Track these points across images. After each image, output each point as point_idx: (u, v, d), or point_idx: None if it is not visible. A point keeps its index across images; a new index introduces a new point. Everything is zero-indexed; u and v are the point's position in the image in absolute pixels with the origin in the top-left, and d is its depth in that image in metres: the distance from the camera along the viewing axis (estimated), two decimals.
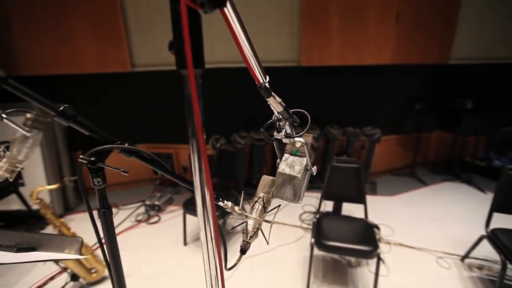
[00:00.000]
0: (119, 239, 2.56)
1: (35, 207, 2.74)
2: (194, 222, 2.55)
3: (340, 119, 3.35)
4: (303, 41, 3.10)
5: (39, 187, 1.62)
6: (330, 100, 3.37)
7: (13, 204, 2.78)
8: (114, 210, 3.01)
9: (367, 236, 1.81)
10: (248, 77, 0.53)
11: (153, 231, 2.65)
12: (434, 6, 3.14)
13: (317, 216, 2.06)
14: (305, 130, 0.70)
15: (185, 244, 2.40)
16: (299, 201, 0.77)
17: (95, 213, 0.63)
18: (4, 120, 1.03)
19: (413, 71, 3.37)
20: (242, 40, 0.40)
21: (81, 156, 0.50)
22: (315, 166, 0.78)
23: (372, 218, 2.06)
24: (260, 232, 0.80)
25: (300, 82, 3.27)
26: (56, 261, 1.75)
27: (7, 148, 1.24)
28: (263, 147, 3.13)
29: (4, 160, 1.11)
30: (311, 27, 3.04)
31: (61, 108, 0.47)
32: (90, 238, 1.44)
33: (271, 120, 0.68)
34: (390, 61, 3.13)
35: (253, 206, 0.80)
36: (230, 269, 0.66)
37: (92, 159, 0.50)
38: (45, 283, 2.02)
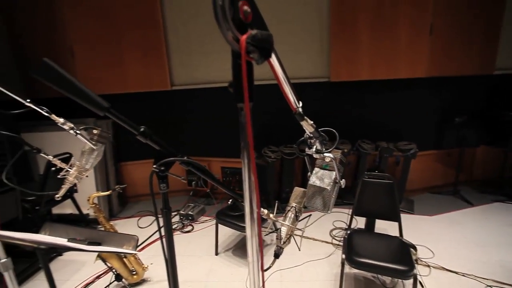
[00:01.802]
0: (157, 244, 2.74)
1: (87, 211, 3.07)
2: (226, 232, 2.65)
3: (372, 134, 3.30)
4: (332, 58, 3.16)
5: (94, 193, 1.85)
6: (361, 114, 3.35)
7: (67, 208, 3.14)
8: (151, 218, 3.25)
9: (402, 255, 1.75)
10: (277, 94, 0.62)
11: (186, 239, 2.79)
12: (472, 12, 3.02)
13: (348, 232, 2.03)
14: (334, 146, 0.77)
15: (216, 254, 2.50)
16: (329, 211, 0.83)
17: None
18: (78, 135, 1.24)
19: (450, 82, 3.23)
20: (282, 78, 0.50)
21: (154, 166, 0.63)
22: (343, 180, 0.84)
23: (408, 238, 1.97)
24: (292, 239, 0.86)
25: (329, 97, 3.31)
26: (104, 261, 1.95)
27: (70, 157, 1.46)
28: (293, 161, 3.18)
29: (75, 168, 1.32)
30: (341, 44, 3.11)
31: (142, 129, 0.60)
32: None
33: (303, 138, 0.76)
34: (425, 74, 3.05)
35: (286, 214, 0.87)
36: (266, 270, 0.73)
37: (162, 168, 0.62)
38: (93, 281, 2.23)
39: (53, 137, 3.09)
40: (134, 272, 2.13)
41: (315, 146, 0.76)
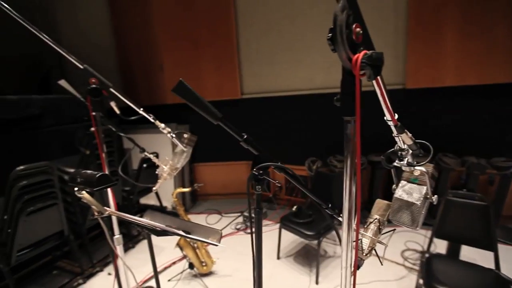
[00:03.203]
0: (224, 241, 2.92)
1: (166, 204, 3.51)
2: (288, 238, 2.68)
3: (456, 147, 2.89)
4: (410, 63, 2.92)
5: (178, 189, 2.12)
6: (443, 124, 2.97)
7: (150, 199, 3.64)
8: (217, 216, 3.51)
9: None
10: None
11: (249, 240, 2.91)
12: None
13: (427, 255, 1.83)
14: (428, 160, 0.74)
15: (278, 258, 2.55)
16: (417, 228, 0.79)
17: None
18: (173, 139, 1.47)
19: None
20: (385, 94, 0.52)
21: (254, 169, 0.72)
22: (436, 196, 0.79)
23: (506, 273, 1.66)
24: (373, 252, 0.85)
25: (404, 105, 3.04)
26: (181, 249, 2.21)
27: (157, 156, 1.72)
28: (360, 172, 3.03)
29: (168, 166, 1.55)
30: (420, 48, 2.84)
31: (245, 137, 0.70)
32: None
33: (393, 149, 0.75)
34: None
35: (367, 226, 0.86)
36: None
37: (261, 172, 0.71)
38: (169, 266, 2.53)
39: (141, 139, 3.65)
40: (204, 264, 2.34)
41: (406, 159, 0.74)
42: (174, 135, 1.46)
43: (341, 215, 0.88)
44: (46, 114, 2.66)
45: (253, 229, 0.80)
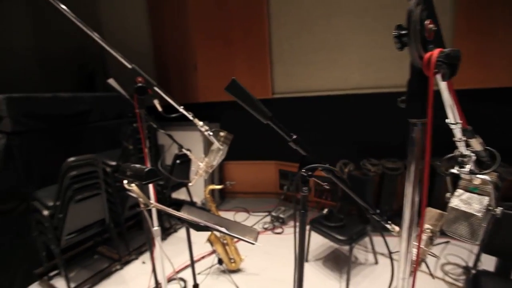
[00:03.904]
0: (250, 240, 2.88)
1: (196, 199, 3.62)
2: (317, 241, 2.62)
3: (509, 154, 2.61)
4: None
5: (210, 186, 2.18)
6: (492, 129, 2.71)
7: (181, 194, 3.78)
8: (245, 214, 3.54)
9: None
10: (381, 103, 0.58)
11: (277, 240, 2.91)
12: None
13: (473, 271, 1.68)
14: (493, 168, 0.68)
15: (306, 260, 2.50)
16: (477, 242, 0.73)
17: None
18: (210, 136, 1.50)
19: None
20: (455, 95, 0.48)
21: (302, 170, 0.71)
22: (500, 208, 0.72)
23: None
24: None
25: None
26: (212, 244, 2.26)
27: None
28: (395, 177, 2.87)
29: (204, 163, 1.59)
30: (468, 46, 2.62)
31: (294, 137, 0.70)
32: None
33: (452, 154, 0.69)
34: None
35: (417, 235, 0.81)
36: None
37: (310, 173, 0.70)
38: (199, 260, 2.61)
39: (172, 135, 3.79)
40: (232, 260, 2.37)
41: (468, 166, 0.68)
42: (211, 133, 1.49)
43: (389, 222, 0.84)
44: (92, 111, 2.88)
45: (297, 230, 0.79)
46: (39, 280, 2.40)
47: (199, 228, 1.05)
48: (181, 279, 2.34)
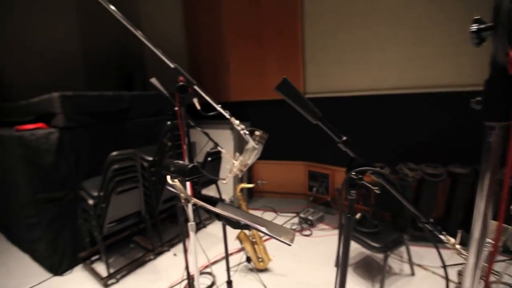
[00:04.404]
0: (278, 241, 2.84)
1: (224, 197, 3.69)
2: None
3: None
4: None
5: (242, 184, 2.20)
6: None
7: (210, 191, 3.87)
8: (273, 214, 3.53)
9: None
10: (422, 104, 0.53)
11: (305, 242, 2.86)
12: None
13: None
14: None
15: (336, 265, 2.43)
16: None
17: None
18: (245, 135, 1.51)
19: None
20: None
21: (353, 172, 0.69)
22: None
23: None
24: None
25: None
26: (241, 242, 2.28)
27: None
28: (436, 184, 2.67)
29: (238, 161, 1.61)
30: None
31: (344, 139, 0.68)
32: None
33: None
34: None
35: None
36: None
37: (360, 176, 0.67)
38: (229, 255, 2.65)
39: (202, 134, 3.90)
40: (260, 259, 2.38)
41: None
42: (247, 132, 1.50)
43: (444, 233, 0.78)
44: (131, 108, 3.05)
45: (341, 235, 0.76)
46: (82, 263, 2.61)
47: (237, 226, 1.06)
48: (210, 273, 2.40)
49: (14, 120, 2.94)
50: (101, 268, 2.50)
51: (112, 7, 1.30)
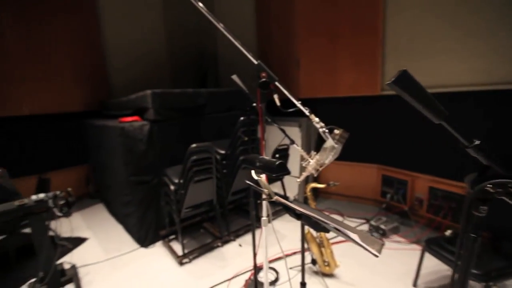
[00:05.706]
0: (347, 245, 2.73)
1: (288, 194, 3.67)
2: (429, 265, 2.22)
3: None
4: None
5: (312, 184, 2.14)
6: None
7: (274, 188, 3.90)
8: (339, 218, 3.35)
9: None
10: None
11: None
12: None
13: None
14: None
15: (414, 284, 2.16)
16: None
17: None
18: (325, 133, 1.45)
19: None
20: None
21: (488, 184, 0.57)
22: None
23: None
24: None
25: None
26: (307, 243, 2.23)
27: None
28: None
29: (314, 160, 1.56)
30: None
31: (476, 143, 0.57)
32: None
33: None
34: None
35: None
36: None
37: (499, 190, 0.55)
38: (291, 254, 2.63)
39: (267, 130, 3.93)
40: (326, 264, 2.28)
41: None
42: (327, 130, 1.44)
43: None
44: (207, 104, 3.29)
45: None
46: (162, 240, 2.96)
47: (319, 227, 1.01)
48: (273, 269, 2.42)
49: (116, 113, 3.50)
50: (177, 247, 2.79)
51: (201, 5, 1.40)
